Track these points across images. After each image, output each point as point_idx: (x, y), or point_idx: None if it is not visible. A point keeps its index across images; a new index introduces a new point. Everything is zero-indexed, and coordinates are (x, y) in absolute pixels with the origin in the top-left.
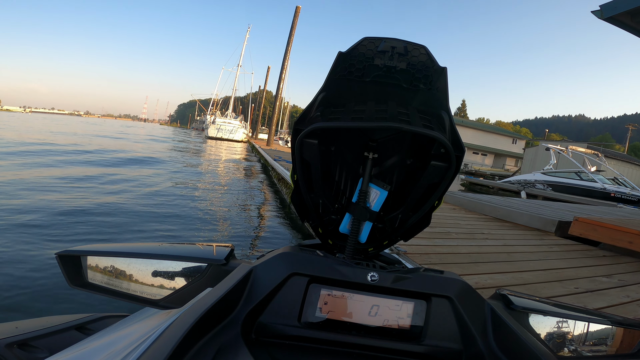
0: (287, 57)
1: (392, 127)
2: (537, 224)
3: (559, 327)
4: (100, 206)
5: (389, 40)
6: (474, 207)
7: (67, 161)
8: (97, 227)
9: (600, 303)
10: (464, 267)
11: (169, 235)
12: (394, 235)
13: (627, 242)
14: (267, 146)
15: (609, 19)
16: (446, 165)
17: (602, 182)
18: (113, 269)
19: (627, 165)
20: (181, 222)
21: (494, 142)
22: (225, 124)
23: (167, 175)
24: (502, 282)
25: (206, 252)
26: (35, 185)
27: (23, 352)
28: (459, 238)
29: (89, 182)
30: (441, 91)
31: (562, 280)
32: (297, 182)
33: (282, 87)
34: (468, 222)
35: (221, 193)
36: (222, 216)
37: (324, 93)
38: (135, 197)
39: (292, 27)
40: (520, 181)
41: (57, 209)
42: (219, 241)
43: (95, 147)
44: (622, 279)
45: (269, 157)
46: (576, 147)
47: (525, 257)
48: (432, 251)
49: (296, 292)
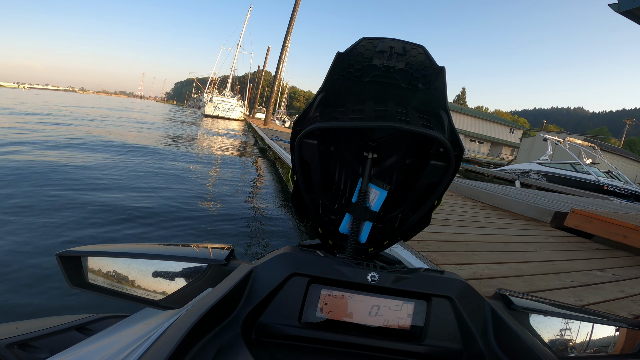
0: (288, 38)
1: (391, 127)
2: (534, 213)
3: (560, 327)
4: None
5: (387, 41)
6: (470, 193)
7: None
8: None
9: (595, 297)
10: (462, 256)
11: (157, 212)
12: (394, 235)
13: (621, 236)
14: (264, 125)
15: (626, 12)
16: (445, 165)
17: (596, 174)
18: (113, 270)
19: (622, 159)
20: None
21: (491, 130)
22: (222, 102)
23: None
24: (499, 273)
25: (206, 253)
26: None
27: (23, 352)
28: (456, 225)
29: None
30: (440, 91)
31: (558, 272)
32: (297, 182)
33: (282, 67)
34: (464, 209)
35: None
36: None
37: (323, 93)
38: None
39: (294, 7)
40: (516, 170)
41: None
42: (218, 241)
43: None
44: (616, 274)
45: (266, 136)
46: (573, 139)
47: (522, 248)
48: (430, 238)
49: (296, 292)
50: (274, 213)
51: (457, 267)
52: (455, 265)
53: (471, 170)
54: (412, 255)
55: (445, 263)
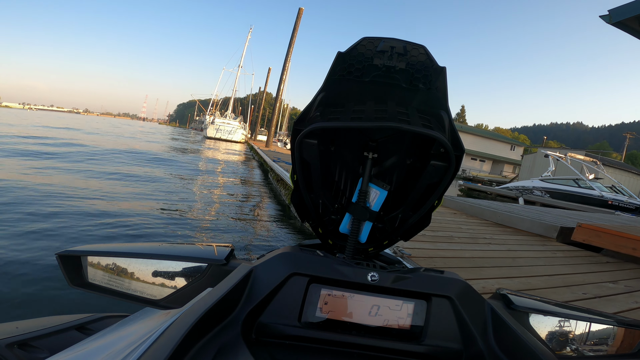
0: (289, 59)
1: (392, 127)
2: (539, 229)
3: (559, 327)
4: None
5: (388, 40)
6: (475, 211)
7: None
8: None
9: (610, 309)
10: (469, 272)
11: (160, 218)
12: (394, 235)
13: (630, 248)
14: (266, 147)
15: (618, 23)
16: (446, 165)
17: (600, 189)
18: (113, 269)
19: (625, 173)
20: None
21: (492, 148)
22: (224, 124)
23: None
24: (509, 287)
25: (206, 252)
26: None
27: (23, 352)
28: (462, 242)
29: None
30: (440, 91)
31: (569, 285)
32: (297, 182)
33: (283, 88)
34: (470, 227)
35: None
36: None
37: (324, 93)
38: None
39: (294, 29)
40: (519, 187)
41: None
42: (219, 241)
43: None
44: (629, 285)
45: (268, 158)
46: (575, 155)
47: (530, 263)
48: (436, 255)
49: (296, 292)
50: (274, 234)
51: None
52: None
53: (474, 188)
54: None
55: None
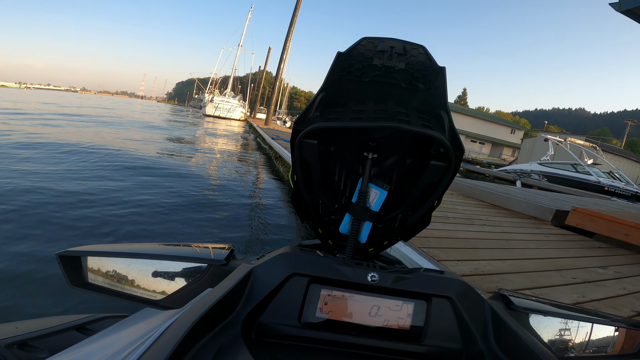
0: (289, 38)
1: (392, 127)
2: (534, 212)
3: (559, 327)
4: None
5: (387, 40)
6: (471, 192)
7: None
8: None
9: (597, 294)
10: (463, 252)
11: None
12: (394, 235)
13: (623, 234)
14: (265, 125)
15: (627, 11)
16: (445, 165)
17: (597, 175)
18: (113, 270)
19: (624, 159)
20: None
21: (492, 131)
22: (223, 102)
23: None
24: (501, 270)
25: (206, 253)
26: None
27: (23, 352)
28: (457, 223)
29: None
30: (440, 91)
31: (560, 269)
32: (297, 182)
33: (283, 67)
34: (465, 207)
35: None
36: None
37: (323, 93)
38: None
39: (295, 8)
40: (517, 170)
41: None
42: (219, 241)
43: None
44: (618, 271)
45: (267, 135)
46: (574, 140)
47: (523, 245)
48: (431, 235)
49: (296, 292)
50: (274, 208)
51: (458, 263)
52: (457, 262)
53: (472, 170)
54: (413, 251)
55: (447, 259)
